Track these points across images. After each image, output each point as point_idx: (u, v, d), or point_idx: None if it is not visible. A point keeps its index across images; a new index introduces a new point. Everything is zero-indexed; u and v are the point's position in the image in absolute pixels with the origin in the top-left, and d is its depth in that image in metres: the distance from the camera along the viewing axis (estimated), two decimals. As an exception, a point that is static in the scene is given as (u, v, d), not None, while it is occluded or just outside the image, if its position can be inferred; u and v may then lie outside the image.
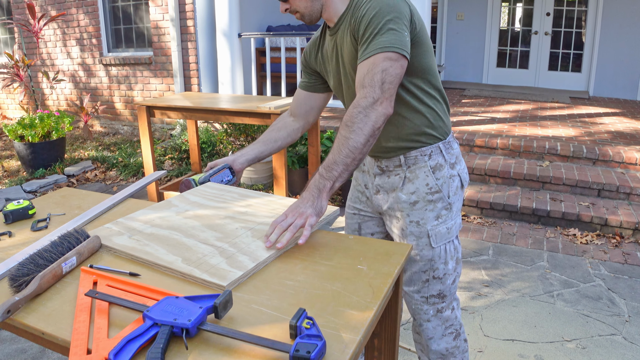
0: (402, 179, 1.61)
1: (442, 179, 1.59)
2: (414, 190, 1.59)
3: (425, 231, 1.60)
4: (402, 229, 1.63)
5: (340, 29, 1.53)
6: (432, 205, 1.59)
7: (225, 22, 5.46)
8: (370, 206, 1.76)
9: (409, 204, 1.60)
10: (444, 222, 1.61)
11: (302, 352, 0.87)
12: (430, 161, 1.58)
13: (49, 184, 4.96)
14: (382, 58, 1.34)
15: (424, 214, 1.59)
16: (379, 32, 1.35)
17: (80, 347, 0.94)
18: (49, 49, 7.35)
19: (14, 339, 2.56)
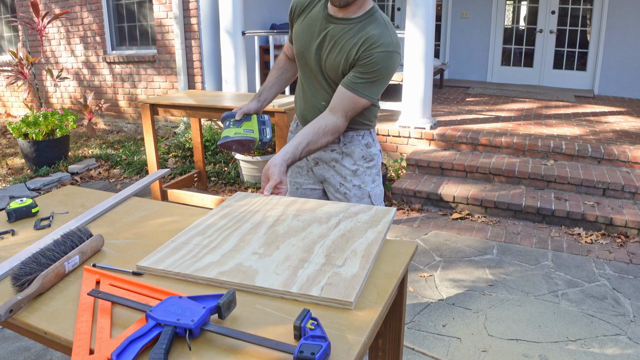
0: (340, 154, 1.91)
1: (372, 152, 1.93)
2: (353, 162, 1.91)
3: (367, 192, 1.93)
4: (345, 193, 1.93)
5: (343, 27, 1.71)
6: (369, 171, 1.93)
7: (229, 20, 5.45)
8: (311, 177, 2.03)
9: (351, 171, 1.91)
10: (378, 185, 1.96)
11: (306, 354, 0.86)
12: (363, 140, 1.91)
13: (52, 181, 4.97)
14: (364, 104, 1.74)
15: (364, 177, 1.92)
16: (374, 82, 1.70)
17: (82, 347, 0.93)
18: (52, 47, 7.36)
19: (17, 337, 2.56)
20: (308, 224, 1.42)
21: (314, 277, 1.13)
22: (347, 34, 1.70)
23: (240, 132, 1.92)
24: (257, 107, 2.00)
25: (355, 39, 1.69)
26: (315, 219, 1.46)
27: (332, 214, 1.49)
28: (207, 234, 1.36)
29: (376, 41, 1.66)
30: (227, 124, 1.95)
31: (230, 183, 4.83)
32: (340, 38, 1.71)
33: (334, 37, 1.72)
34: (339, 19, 1.71)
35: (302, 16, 1.84)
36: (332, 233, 1.36)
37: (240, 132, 1.92)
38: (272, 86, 2.06)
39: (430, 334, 2.56)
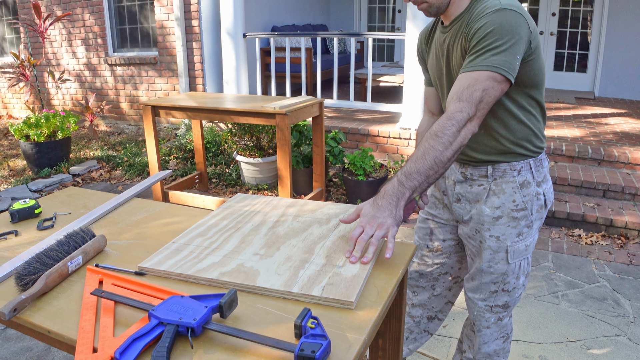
0: (486, 190, 1.57)
1: (528, 196, 1.55)
2: (499, 205, 1.55)
3: (504, 247, 1.57)
4: (479, 242, 1.61)
5: (454, 28, 1.48)
6: (515, 222, 1.55)
7: (230, 22, 5.47)
8: (447, 213, 1.73)
9: (492, 218, 1.56)
10: (524, 239, 1.58)
11: (307, 352, 0.87)
12: (518, 177, 1.54)
13: (54, 183, 4.98)
14: (486, 76, 1.31)
15: (506, 229, 1.56)
16: (492, 49, 1.31)
17: (86, 345, 0.95)
18: (54, 49, 7.38)
19: (19, 337, 2.57)
20: (308, 225, 1.43)
21: (315, 277, 1.14)
22: (459, 30, 1.45)
23: None
24: None
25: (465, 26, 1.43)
26: (315, 220, 1.47)
27: (332, 215, 1.50)
28: (208, 235, 1.37)
29: (480, 9, 1.37)
30: None
31: (231, 185, 4.84)
32: (456, 39, 1.47)
33: (453, 42, 1.49)
34: (450, 25, 1.50)
35: (429, 47, 1.65)
36: (332, 234, 1.37)
37: None
38: None
39: (430, 334, 2.57)
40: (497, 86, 1.31)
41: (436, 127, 1.31)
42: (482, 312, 1.70)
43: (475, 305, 1.71)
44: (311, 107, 3.67)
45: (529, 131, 1.53)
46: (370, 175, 4.21)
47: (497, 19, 1.31)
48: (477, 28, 1.34)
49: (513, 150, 1.52)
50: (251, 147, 4.74)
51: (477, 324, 1.73)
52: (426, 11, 1.47)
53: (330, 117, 5.52)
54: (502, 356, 1.79)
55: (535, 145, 1.55)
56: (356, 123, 5.21)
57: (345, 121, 5.31)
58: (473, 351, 1.81)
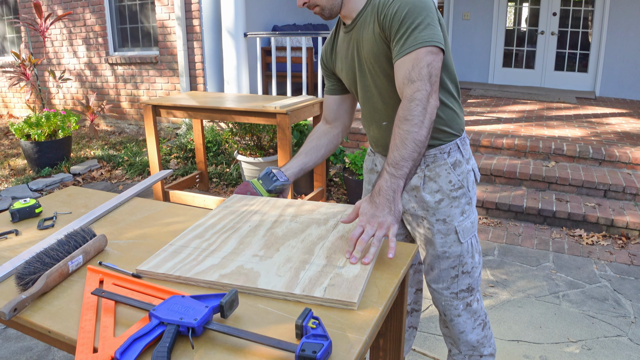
0: (421, 178, 1.59)
1: (462, 174, 1.59)
2: (437, 188, 1.58)
3: (453, 228, 1.60)
4: (427, 228, 1.63)
5: (357, 25, 1.50)
6: (456, 202, 1.59)
7: (231, 22, 5.47)
8: None
9: (434, 202, 1.59)
10: (468, 216, 1.62)
11: (308, 352, 0.86)
12: (449, 158, 1.57)
13: (55, 182, 4.98)
14: (425, 52, 1.32)
15: (450, 210, 1.59)
16: (416, 27, 1.33)
17: (86, 345, 0.94)
18: (55, 48, 7.38)
19: (19, 337, 2.57)
20: (307, 225, 1.43)
21: (316, 278, 1.14)
22: (364, 26, 1.48)
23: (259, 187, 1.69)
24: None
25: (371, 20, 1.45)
26: (313, 220, 1.47)
27: (330, 215, 1.50)
28: (206, 237, 1.37)
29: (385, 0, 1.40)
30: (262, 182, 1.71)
31: (232, 184, 4.84)
32: (362, 35, 1.50)
33: (359, 39, 1.52)
34: (351, 24, 1.53)
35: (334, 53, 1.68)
36: (332, 234, 1.37)
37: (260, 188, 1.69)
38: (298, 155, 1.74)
39: (431, 334, 2.56)
40: (437, 57, 1.35)
41: (402, 112, 1.32)
42: (449, 301, 1.70)
43: (441, 295, 1.71)
44: (312, 107, 3.67)
45: (451, 112, 1.56)
46: None
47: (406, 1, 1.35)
48: (392, 13, 1.36)
49: (441, 132, 1.55)
50: (252, 147, 4.74)
51: (447, 314, 1.73)
52: (320, 14, 1.49)
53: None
54: (486, 345, 1.78)
55: (459, 125, 1.59)
56: (357, 123, 5.21)
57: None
58: (456, 346, 1.80)
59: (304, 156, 1.73)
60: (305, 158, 1.73)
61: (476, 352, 1.78)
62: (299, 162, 1.71)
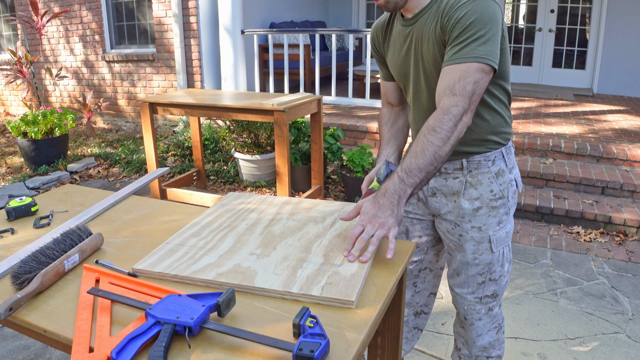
0: (462, 183, 1.57)
1: (504, 184, 1.57)
2: (477, 196, 1.56)
3: (487, 236, 1.58)
4: (460, 235, 1.61)
5: (420, 21, 1.45)
6: (495, 212, 1.57)
7: (228, 19, 5.45)
8: (422, 209, 1.71)
9: (472, 210, 1.57)
10: (504, 226, 1.60)
11: (305, 351, 0.86)
12: (493, 167, 1.55)
13: (51, 180, 4.97)
14: (476, 68, 1.31)
15: (487, 220, 1.57)
16: (476, 39, 1.31)
17: (82, 345, 0.94)
18: (52, 46, 7.36)
19: (16, 336, 2.57)
20: (304, 223, 1.43)
21: (313, 276, 1.14)
22: (426, 24, 1.43)
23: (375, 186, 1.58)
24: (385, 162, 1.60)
25: (434, 20, 1.40)
26: (310, 218, 1.46)
27: (327, 213, 1.50)
28: (203, 235, 1.36)
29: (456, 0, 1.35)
30: None
31: (229, 182, 4.83)
32: (423, 33, 1.44)
33: (419, 37, 1.46)
34: (413, 18, 1.48)
35: (387, 42, 1.63)
36: (329, 232, 1.36)
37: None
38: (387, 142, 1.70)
39: (429, 332, 2.56)
40: (486, 77, 1.33)
41: (433, 122, 1.31)
42: (472, 305, 1.70)
43: (464, 300, 1.70)
44: (309, 104, 3.66)
45: (501, 120, 1.54)
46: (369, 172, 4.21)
47: (477, 8, 1.30)
48: (457, 18, 1.32)
49: (488, 139, 1.53)
50: (249, 144, 4.73)
51: (468, 318, 1.73)
52: (384, 6, 1.45)
53: (329, 113, 5.51)
54: (497, 347, 1.79)
55: (507, 133, 1.57)
56: (355, 120, 5.20)
57: (344, 118, 5.30)
58: (468, 347, 1.80)
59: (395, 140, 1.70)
60: (398, 141, 1.71)
61: (485, 353, 1.78)
62: (395, 146, 1.69)
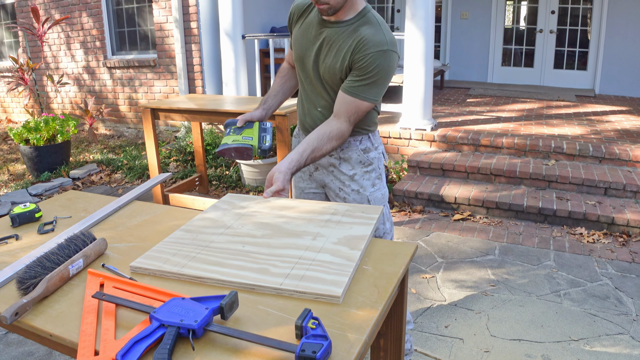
0: (337, 159, 1.90)
1: (370, 157, 1.91)
2: (350, 167, 1.90)
3: (365, 197, 1.92)
4: (344, 198, 1.94)
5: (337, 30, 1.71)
6: (367, 175, 1.91)
7: (229, 24, 5.47)
8: (312, 182, 2.03)
9: (348, 176, 1.91)
10: (379, 189, 1.94)
11: (307, 352, 0.87)
12: (360, 145, 1.89)
13: (54, 187, 4.98)
14: (367, 106, 1.72)
15: (363, 182, 1.91)
16: (374, 83, 1.68)
17: (87, 348, 0.94)
18: (53, 53, 7.39)
19: (20, 342, 2.57)
20: (297, 223, 1.45)
21: (304, 273, 1.17)
22: (341, 36, 1.70)
23: (239, 139, 1.88)
24: (262, 115, 1.97)
25: (349, 41, 1.68)
26: (304, 217, 1.49)
27: (321, 212, 1.52)
28: (199, 235, 1.39)
29: (369, 41, 1.64)
30: (228, 131, 1.93)
31: (231, 187, 4.84)
32: (335, 42, 1.71)
33: (330, 41, 1.73)
34: (333, 23, 1.72)
35: (300, 22, 1.85)
36: (322, 230, 1.39)
37: (239, 139, 1.88)
38: (276, 94, 2.04)
39: (432, 334, 2.56)
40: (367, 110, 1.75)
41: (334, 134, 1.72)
42: None
43: None
44: (311, 108, 3.66)
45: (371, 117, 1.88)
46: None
47: (383, 61, 1.65)
48: (364, 60, 1.65)
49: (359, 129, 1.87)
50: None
51: None
52: (324, 11, 1.66)
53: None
54: None
55: (374, 125, 1.92)
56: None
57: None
58: None
59: (282, 95, 2.07)
60: (283, 97, 2.07)
61: None
62: (278, 101, 2.06)
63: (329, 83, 1.79)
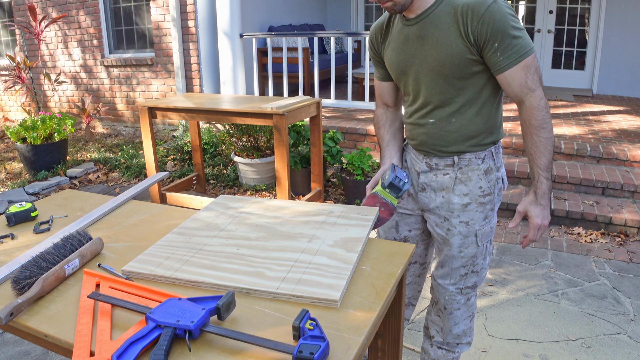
0: (452, 179, 1.64)
1: (492, 181, 1.65)
2: (467, 192, 1.63)
3: (474, 231, 1.66)
4: (448, 229, 1.68)
5: (425, 22, 1.51)
6: (482, 207, 1.65)
7: (227, 23, 5.46)
8: (411, 204, 1.77)
9: (461, 205, 1.64)
10: (489, 222, 1.68)
11: (305, 354, 0.86)
12: (483, 164, 1.63)
13: (51, 186, 4.97)
14: (531, 60, 1.45)
15: (474, 215, 1.65)
16: (516, 36, 1.42)
17: (83, 349, 0.94)
18: (50, 51, 7.36)
19: (17, 342, 2.56)
20: (293, 225, 1.44)
21: (300, 276, 1.15)
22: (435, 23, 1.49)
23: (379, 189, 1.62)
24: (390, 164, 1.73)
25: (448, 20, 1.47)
26: (299, 220, 1.47)
27: (317, 214, 1.51)
28: (193, 237, 1.37)
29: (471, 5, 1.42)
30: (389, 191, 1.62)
31: (229, 186, 4.83)
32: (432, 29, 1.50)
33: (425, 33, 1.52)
34: (417, 17, 1.53)
35: (387, 41, 1.67)
36: (317, 232, 1.38)
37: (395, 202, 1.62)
38: (388, 143, 1.79)
39: (430, 334, 2.56)
40: (535, 59, 1.47)
41: (536, 121, 1.48)
42: (453, 296, 1.78)
43: (446, 290, 1.78)
44: (309, 107, 3.66)
45: (496, 120, 1.62)
46: (369, 175, 4.21)
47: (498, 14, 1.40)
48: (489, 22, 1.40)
49: (482, 138, 1.60)
50: (249, 148, 4.73)
51: (448, 307, 1.80)
52: (391, 9, 1.50)
53: (328, 117, 5.52)
54: (469, 335, 1.89)
55: (499, 133, 1.64)
56: (354, 123, 5.21)
57: (343, 121, 5.30)
58: (443, 334, 1.89)
59: (396, 141, 1.80)
60: (399, 142, 1.81)
61: (457, 340, 1.88)
62: (397, 147, 1.80)
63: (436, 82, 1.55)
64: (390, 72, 1.69)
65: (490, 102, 1.57)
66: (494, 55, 1.44)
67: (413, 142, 1.70)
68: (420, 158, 1.70)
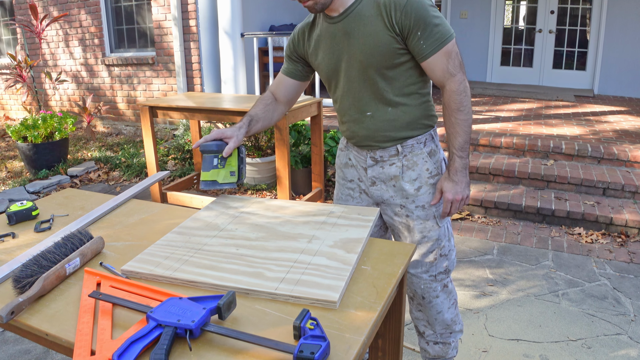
0: (399, 167, 1.70)
1: (437, 162, 1.73)
2: (415, 177, 1.70)
3: (431, 213, 1.72)
4: (406, 216, 1.73)
5: (349, 18, 1.56)
6: (433, 188, 1.72)
7: (228, 22, 5.46)
8: (365, 200, 1.82)
9: (413, 190, 1.70)
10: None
11: (306, 353, 0.86)
12: (425, 148, 1.70)
13: (52, 184, 4.97)
14: (451, 46, 1.52)
15: (428, 197, 1.71)
16: (437, 24, 1.49)
17: (84, 348, 0.94)
18: (51, 50, 7.36)
19: (17, 340, 2.56)
20: (293, 225, 1.43)
21: (299, 277, 1.15)
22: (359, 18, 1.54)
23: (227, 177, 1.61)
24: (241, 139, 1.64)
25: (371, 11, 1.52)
26: (299, 220, 1.47)
27: (316, 213, 1.51)
28: (192, 237, 1.37)
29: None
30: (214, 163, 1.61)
31: (230, 185, 4.83)
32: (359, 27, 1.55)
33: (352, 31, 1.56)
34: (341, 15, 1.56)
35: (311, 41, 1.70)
36: (317, 233, 1.38)
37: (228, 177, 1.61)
38: (258, 120, 1.75)
39: (430, 334, 2.56)
40: (456, 45, 1.55)
41: (454, 104, 1.57)
42: (428, 284, 1.81)
43: (420, 279, 1.81)
44: (309, 107, 3.66)
45: (429, 105, 1.70)
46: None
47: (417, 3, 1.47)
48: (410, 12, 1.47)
49: (420, 123, 1.68)
50: (250, 147, 4.73)
51: (426, 296, 1.83)
52: (312, 8, 1.53)
53: (329, 116, 5.52)
54: (457, 322, 1.92)
55: (434, 116, 1.72)
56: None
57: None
58: (431, 326, 1.91)
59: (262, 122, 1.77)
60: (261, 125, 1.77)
61: (448, 329, 1.90)
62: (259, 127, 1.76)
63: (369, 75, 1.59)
64: (321, 75, 1.73)
65: (421, 88, 1.65)
66: (418, 44, 1.51)
67: (354, 140, 1.75)
68: (364, 154, 1.75)
